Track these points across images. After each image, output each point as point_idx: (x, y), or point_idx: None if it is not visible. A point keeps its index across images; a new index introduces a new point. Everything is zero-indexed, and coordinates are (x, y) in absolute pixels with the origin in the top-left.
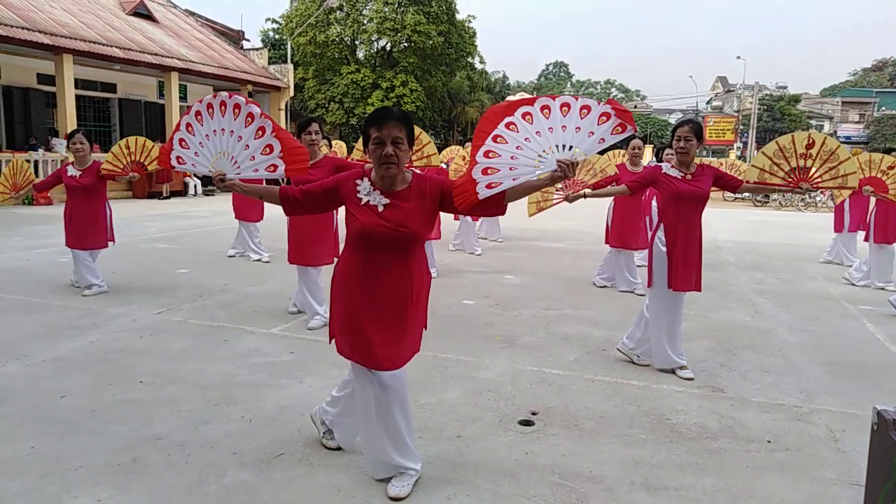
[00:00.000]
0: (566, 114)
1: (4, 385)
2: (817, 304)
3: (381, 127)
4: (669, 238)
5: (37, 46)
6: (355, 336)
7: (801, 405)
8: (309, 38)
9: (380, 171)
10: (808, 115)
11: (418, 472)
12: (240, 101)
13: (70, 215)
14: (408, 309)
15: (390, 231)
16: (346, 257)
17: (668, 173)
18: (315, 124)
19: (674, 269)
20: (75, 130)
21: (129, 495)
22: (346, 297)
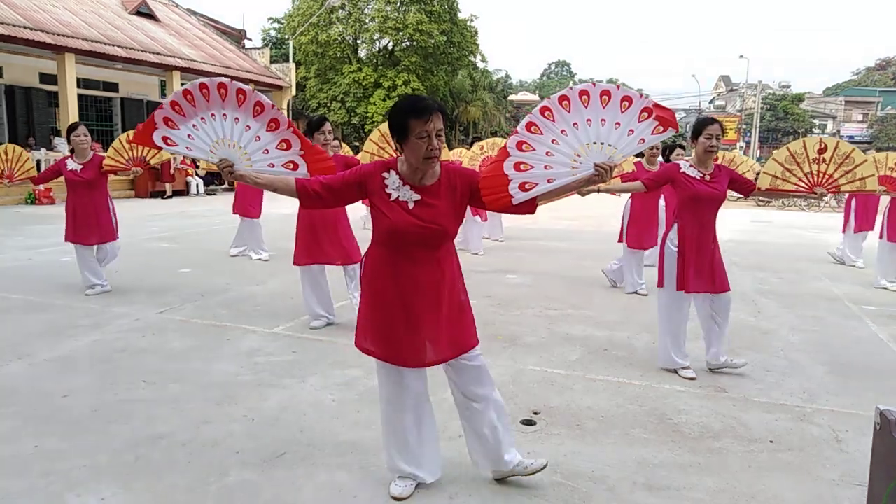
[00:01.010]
0: (605, 104)
1: (7, 384)
2: (820, 305)
3: (427, 119)
4: (682, 239)
5: (39, 46)
6: (384, 334)
7: (803, 405)
8: (311, 38)
9: (423, 166)
10: (812, 115)
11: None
12: (244, 87)
13: (72, 210)
14: (442, 303)
15: (421, 228)
16: (374, 253)
17: (687, 172)
18: (328, 123)
19: (684, 271)
20: (76, 123)
21: (131, 494)
22: (375, 294)
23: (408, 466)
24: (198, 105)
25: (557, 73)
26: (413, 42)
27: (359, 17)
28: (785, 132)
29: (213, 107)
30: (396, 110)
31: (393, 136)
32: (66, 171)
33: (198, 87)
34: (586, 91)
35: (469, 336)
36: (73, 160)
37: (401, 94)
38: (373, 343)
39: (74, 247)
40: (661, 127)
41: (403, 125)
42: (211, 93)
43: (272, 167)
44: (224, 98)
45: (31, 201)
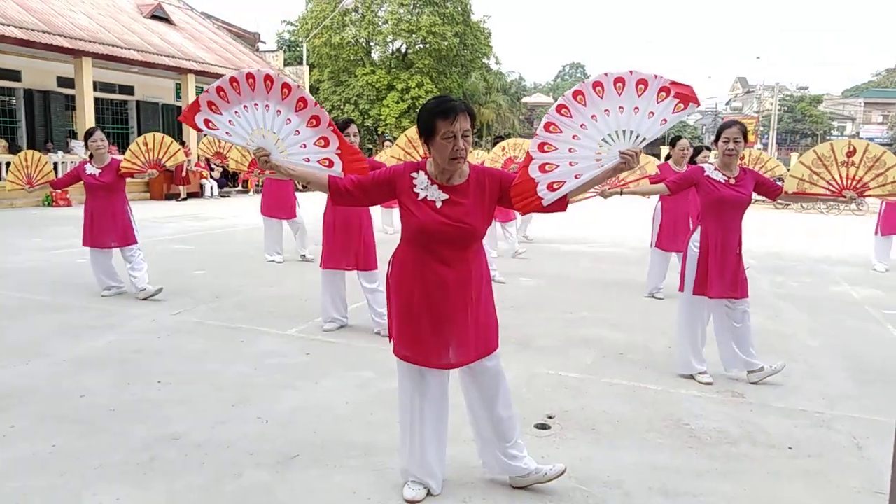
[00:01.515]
0: (621, 91)
1: (26, 384)
2: (840, 309)
3: (453, 120)
4: (704, 242)
5: (57, 50)
6: (411, 334)
7: (823, 411)
8: (324, 40)
9: (450, 167)
10: (830, 116)
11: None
12: (290, 81)
13: (90, 214)
14: (468, 305)
15: (449, 227)
16: (402, 253)
17: (711, 176)
18: (354, 126)
19: (703, 275)
20: (93, 128)
21: (146, 494)
22: (402, 293)
23: (419, 472)
24: (242, 93)
25: (572, 75)
26: (426, 44)
27: (372, 20)
28: (803, 134)
29: (258, 97)
30: (423, 111)
31: (420, 137)
32: (85, 176)
33: (244, 77)
34: (599, 82)
35: (493, 339)
36: (91, 165)
37: (414, 97)
38: (397, 342)
39: (90, 250)
40: (681, 104)
41: (430, 126)
42: (256, 83)
43: (307, 162)
44: (269, 90)
45: (49, 203)
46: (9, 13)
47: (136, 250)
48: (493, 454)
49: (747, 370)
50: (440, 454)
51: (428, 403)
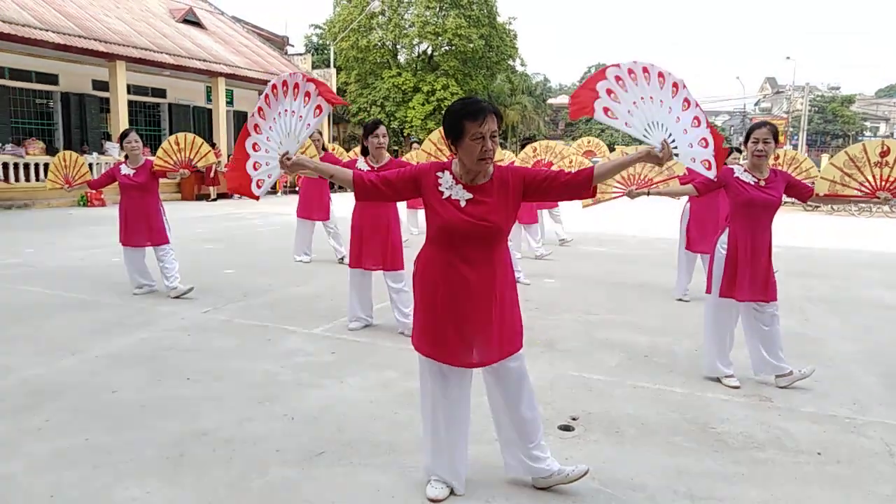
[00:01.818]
0: (662, 85)
1: (61, 379)
2: (872, 313)
3: (482, 121)
4: (733, 244)
5: (92, 54)
6: (434, 333)
7: (854, 417)
8: (351, 43)
9: (477, 167)
10: (863, 117)
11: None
12: (298, 80)
13: (125, 213)
14: (492, 305)
15: (473, 226)
16: (427, 252)
17: (741, 177)
18: (382, 127)
19: (731, 277)
20: (128, 130)
21: (176, 489)
22: (426, 292)
23: (442, 471)
24: (272, 107)
25: None
26: (452, 46)
27: (398, 23)
28: (834, 135)
29: (284, 104)
30: (451, 112)
31: (447, 138)
32: (120, 176)
33: (271, 87)
34: (646, 69)
35: (517, 339)
36: (126, 165)
37: (439, 99)
38: (420, 340)
39: (124, 248)
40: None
41: (458, 127)
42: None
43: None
44: (286, 96)
45: (84, 203)
46: (47, 18)
47: (169, 249)
48: (516, 455)
49: (776, 374)
50: (462, 453)
51: (449, 402)
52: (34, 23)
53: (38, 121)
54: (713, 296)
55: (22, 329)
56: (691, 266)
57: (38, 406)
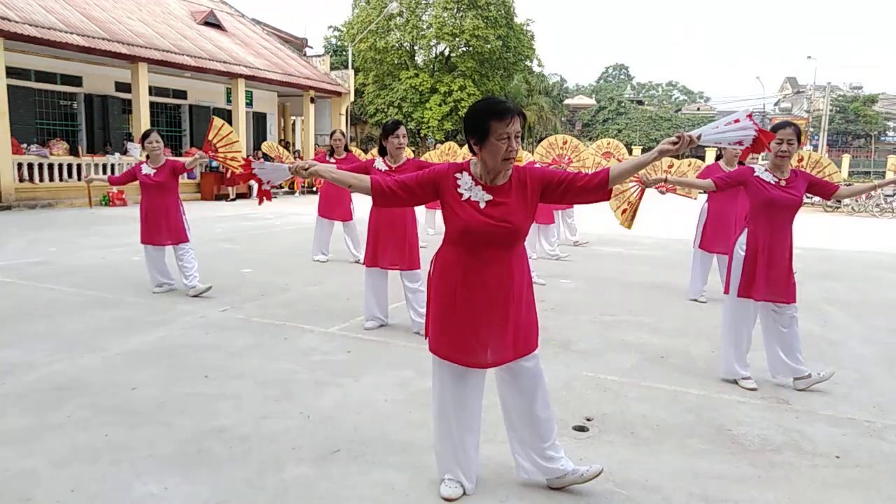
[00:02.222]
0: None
1: (82, 376)
2: (893, 315)
3: (509, 121)
4: (752, 245)
5: (115, 56)
6: (453, 334)
7: (873, 420)
8: (369, 45)
9: (500, 167)
10: (886, 117)
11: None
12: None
13: (145, 212)
14: (510, 305)
15: (493, 227)
16: (445, 253)
17: (761, 177)
18: (403, 128)
19: (750, 277)
20: (150, 130)
21: (193, 485)
22: (443, 292)
23: (454, 470)
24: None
25: (615, 77)
26: (469, 47)
27: (416, 24)
28: (856, 135)
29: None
30: (476, 112)
31: (471, 137)
32: (141, 176)
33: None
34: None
35: (532, 339)
36: (147, 165)
37: (456, 99)
38: (437, 342)
39: (145, 247)
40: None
41: (483, 127)
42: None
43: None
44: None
45: (106, 203)
46: (72, 21)
47: (188, 248)
48: (529, 456)
49: (794, 377)
50: (475, 454)
51: (464, 403)
52: (59, 26)
53: (63, 122)
54: (731, 296)
55: (44, 326)
56: (706, 266)
57: (59, 402)
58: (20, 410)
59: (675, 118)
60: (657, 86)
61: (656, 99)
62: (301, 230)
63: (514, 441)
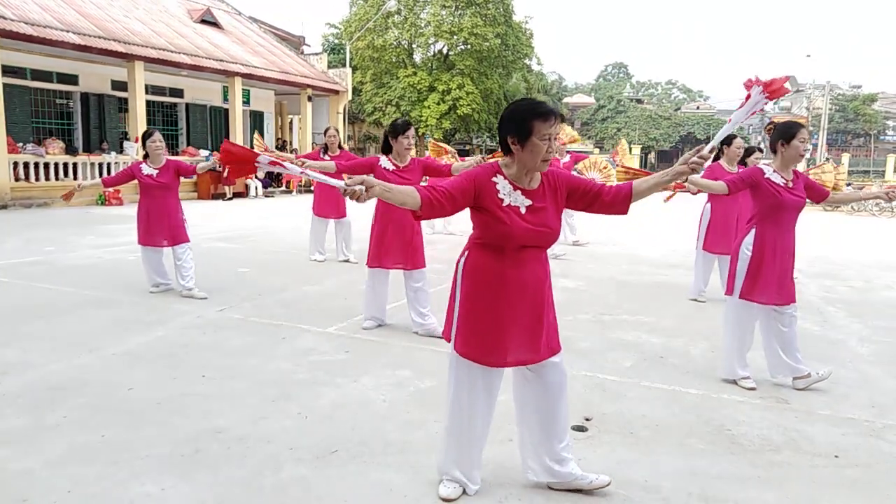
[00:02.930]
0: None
1: (78, 376)
2: (893, 315)
3: (552, 122)
4: (759, 247)
5: (112, 55)
6: (486, 336)
7: (873, 420)
8: (367, 43)
9: (539, 167)
10: (885, 116)
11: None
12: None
13: (146, 213)
14: (544, 307)
15: (535, 233)
16: (477, 257)
17: (771, 179)
18: (413, 129)
19: (754, 279)
20: (152, 129)
21: (191, 485)
22: (477, 295)
23: (460, 472)
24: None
25: (614, 75)
26: (468, 45)
27: (414, 22)
28: (855, 134)
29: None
30: (518, 111)
31: (509, 136)
32: (143, 177)
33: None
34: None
35: (557, 337)
36: (147, 165)
37: (454, 98)
38: (468, 345)
39: (143, 248)
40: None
41: (526, 126)
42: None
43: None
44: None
45: (102, 202)
46: (68, 20)
47: (188, 248)
48: (541, 458)
49: (793, 376)
50: (481, 454)
51: (485, 403)
52: (56, 24)
53: (59, 121)
54: (734, 298)
55: (40, 326)
56: (709, 267)
57: (56, 402)
58: (16, 410)
59: (675, 117)
60: (656, 84)
61: (656, 97)
62: (298, 229)
63: (527, 442)
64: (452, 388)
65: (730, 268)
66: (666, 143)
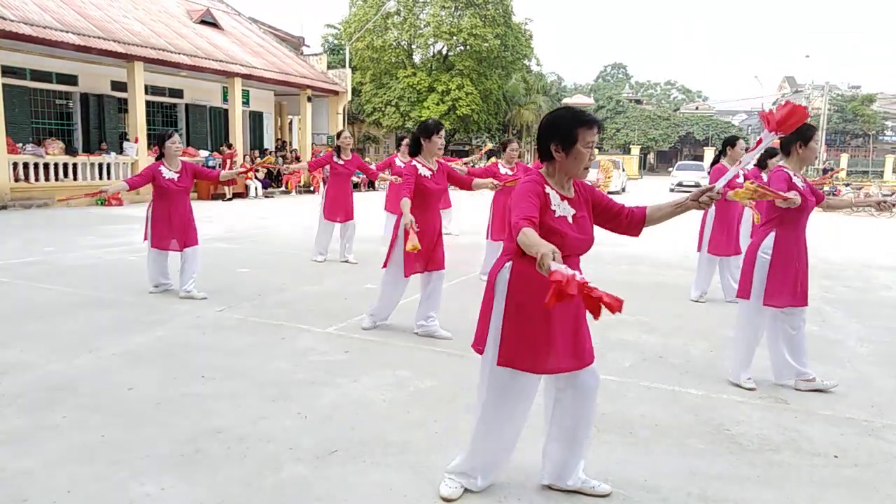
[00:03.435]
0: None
1: (78, 376)
2: (892, 315)
3: (596, 130)
4: (781, 251)
5: (111, 55)
6: (534, 344)
7: (871, 420)
8: (366, 43)
9: (581, 175)
10: (884, 116)
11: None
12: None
13: (167, 216)
14: (583, 314)
15: (583, 242)
16: (525, 268)
17: (796, 182)
18: (443, 129)
19: (778, 285)
20: (172, 131)
21: (190, 485)
22: (526, 305)
23: (478, 474)
24: None
25: (613, 76)
26: (467, 46)
27: (414, 23)
28: (854, 135)
29: None
30: (564, 120)
31: (552, 144)
32: (164, 181)
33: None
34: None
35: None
36: (167, 169)
37: (454, 98)
38: (516, 354)
39: (153, 250)
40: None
41: (571, 134)
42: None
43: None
44: None
45: (101, 203)
46: (67, 20)
47: (196, 251)
48: (564, 459)
49: (797, 378)
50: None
51: (524, 410)
52: (55, 24)
53: (58, 121)
54: (752, 303)
55: (40, 326)
56: (712, 269)
57: (55, 402)
58: (16, 411)
59: (674, 117)
60: (655, 85)
61: (655, 98)
62: (297, 230)
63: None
64: (493, 398)
65: (744, 271)
66: (665, 143)
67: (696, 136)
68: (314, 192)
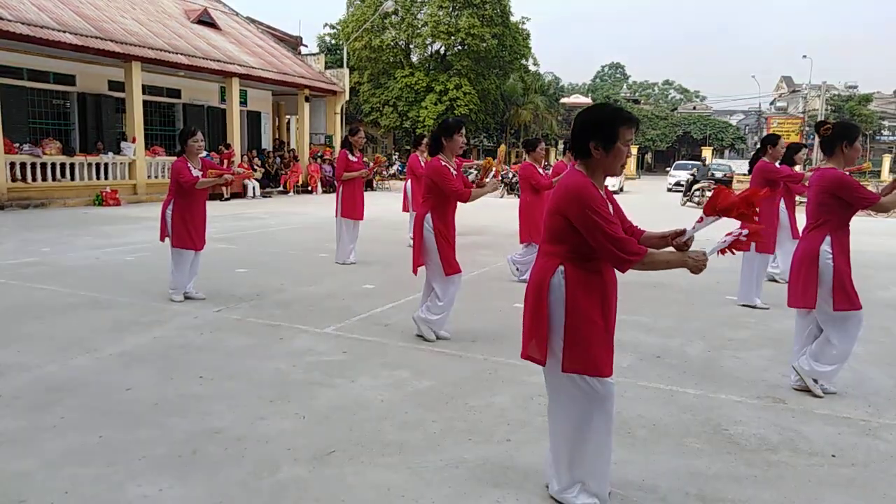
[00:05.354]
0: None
1: (75, 377)
2: (888, 314)
3: (635, 128)
4: (843, 253)
5: (109, 55)
6: (599, 348)
7: (869, 419)
8: (364, 43)
9: (617, 172)
10: (881, 116)
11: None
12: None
13: (190, 215)
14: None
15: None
16: (578, 270)
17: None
18: (463, 127)
19: (851, 288)
20: (195, 128)
21: (188, 487)
22: (587, 309)
23: (598, 481)
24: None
25: (611, 76)
26: (465, 46)
27: (411, 23)
28: None
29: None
30: (606, 117)
31: (592, 142)
32: (194, 178)
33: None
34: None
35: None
36: (194, 167)
37: (451, 98)
38: (600, 360)
39: (180, 251)
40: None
41: (613, 132)
42: None
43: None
44: None
45: (99, 203)
46: (65, 20)
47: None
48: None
49: (807, 377)
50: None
51: (611, 410)
52: (52, 24)
53: (56, 121)
54: (824, 307)
55: (37, 327)
56: (763, 268)
57: (52, 404)
58: (13, 412)
59: (672, 117)
60: (653, 85)
61: (652, 98)
62: (296, 230)
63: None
64: (575, 409)
65: (805, 278)
66: (663, 143)
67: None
68: (312, 192)
